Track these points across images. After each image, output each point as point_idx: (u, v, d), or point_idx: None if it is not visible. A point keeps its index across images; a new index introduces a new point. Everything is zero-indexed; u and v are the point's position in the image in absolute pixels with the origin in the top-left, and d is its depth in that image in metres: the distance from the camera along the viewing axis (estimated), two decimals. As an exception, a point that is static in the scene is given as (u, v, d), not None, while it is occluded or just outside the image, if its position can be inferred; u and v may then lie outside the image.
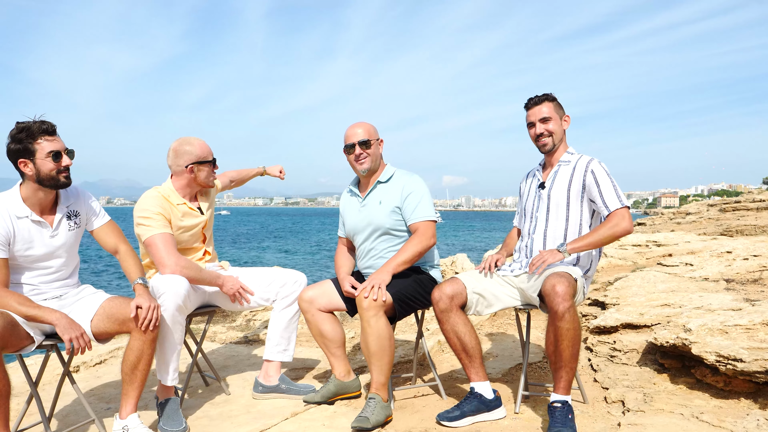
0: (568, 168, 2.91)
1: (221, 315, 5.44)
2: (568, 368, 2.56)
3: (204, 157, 3.15)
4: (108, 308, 2.61)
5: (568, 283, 2.54)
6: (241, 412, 3.00)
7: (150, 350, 2.60)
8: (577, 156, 2.93)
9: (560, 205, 2.90)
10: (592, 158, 2.88)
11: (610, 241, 2.74)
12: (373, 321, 2.75)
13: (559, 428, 2.48)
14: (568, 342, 2.52)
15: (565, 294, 2.51)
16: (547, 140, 2.93)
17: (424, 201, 3.00)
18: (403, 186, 3.03)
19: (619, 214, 2.73)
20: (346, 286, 2.99)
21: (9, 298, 2.42)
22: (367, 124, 3.12)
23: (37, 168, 2.49)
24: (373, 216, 3.05)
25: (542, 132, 2.92)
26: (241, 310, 4.75)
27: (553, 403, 2.57)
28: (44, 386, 3.40)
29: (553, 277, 2.58)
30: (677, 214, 14.14)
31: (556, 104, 2.96)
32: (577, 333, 2.54)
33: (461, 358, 2.86)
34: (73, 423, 2.86)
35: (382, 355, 2.78)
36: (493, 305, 2.89)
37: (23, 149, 2.47)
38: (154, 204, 3.01)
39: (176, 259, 2.90)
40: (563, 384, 2.57)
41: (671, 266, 5.38)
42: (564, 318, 2.50)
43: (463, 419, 2.72)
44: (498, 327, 4.65)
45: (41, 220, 2.58)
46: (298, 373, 3.70)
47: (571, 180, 2.88)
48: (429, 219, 2.97)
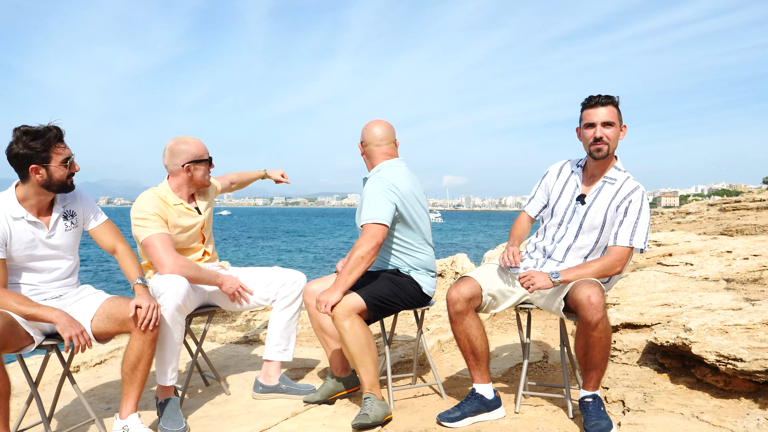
0: (612, 188, 2.75)
1: (221, 315, 5.44)
2: (599, 369, 2.59)
3: (200, 155, 3.15)
4: (108, 308, 2.61)
5: (601, 293, 2.50)
6: (241, 412, 3.00)
7: (150, 350, 2.60)
8: (624, 175, 2.77)
9: (595, 227, 2.76)
10: (638, 186, 2.73)
11: (601, 277, 2.65)
12: (346, 325, 2.73)
13: (595, 421, 2.50)
14: (600, 348, 2.53)
15: (599, 304, 2.47)
16: (603, 146, 2.70)
17: (368, 203, 2.87)
18: (364, 188, 3.00)
19: (617, 253, 2.65)
20: (339, 264, 3.11)
21: (8, 298, 2.42)
22: (369, 124, 3.11)
23: (49, 174, 2.50)
24: (356, 214, 3.05)
25: (602, 136, 2.69)
26: (241, 310, 4.75)
27: (584, 399, 2.60)
28: (44, 386, 3.40)
29: (585, 287, 2.51)
30: (677, 214, 14.14)
31: (619, 111, 2.76)
32: (608, 339, 2.55)
33: (468, 360, 2.83)
34: (73, 423, 2.87)
35: (364, 356, 2.77)
36: (500, 305, 2.86)
37: (37, 156, 2.46)
38: (150, 205, 3.01)
39: (174, 259, 2.90)
40: (594, 383, 2.61)
41: (671, 266, 5.38)
42: (598, 328, 2.48)
43: (464, 420, 2.72)
44: (498, 326, 4.65)
45: (37, 221, 2.57)
46: (298, 373, 3.70)
47: (611, 202, 2.73)
48: (369, 221, 2.81)
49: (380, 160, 3.06)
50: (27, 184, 2.53)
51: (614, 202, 2.72)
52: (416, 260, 3.02)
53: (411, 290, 2.95)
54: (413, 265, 3.02)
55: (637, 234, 2.65)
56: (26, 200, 2.55)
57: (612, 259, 2.65)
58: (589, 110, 2.73)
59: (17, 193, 2.55)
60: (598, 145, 2.71)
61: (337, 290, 2.75)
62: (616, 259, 2.65)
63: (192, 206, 3.20)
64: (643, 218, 2.67)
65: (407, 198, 2.95)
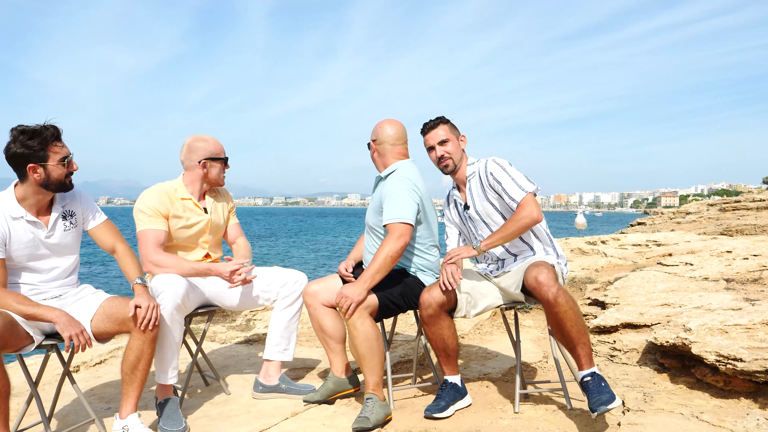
0: (476, 179, 2.98)
1: (221, 315, 5.44)
2: (581, 343, 2.61)
3: (217, 153, 3.19)
4: (108, 308, 2.61)
5: (547, 269, 2.62)
6: (241, 412, 3.00)
7: (150, 350, 2.60)
8: (479, 163, 3.00)
9: (492, 214, 2.95)
10: (488, 159, 2.96)
11: (522, 231, 2.81)
12: (358, 324, 2.77)
13: (597, 397, 2.51)
14: (571, 323, 2.58)
15: (549, 280, 2.58)
16: (447, 162, 2.98)
17: (393, 202, 2.89)
18: (387, 185, 2.99)
19: (523, 204, 2.79)
20: (341, 266, 3.12)
21: (8, 298, 2.42)
22: (383, 123, 3.12)
23: (47, 173, 2.50)
24: (368, 214, 3.11)
25: (442, 154, 2.97)
26: (241, 310, 4.75)
27: (583, 379, 2.60)
28: (44, 386, 3.40)
29: (531, 269, 2.65)
30: (677, 214, 14.14)
31: (451, 125, 3.02)
32: (576, 311, 2.60)
33: (440, 356, 2.97)
34: (73, 423, 2.86)
35: (372, 356, 2.80)
36: (478, 304, 2.90)
37: (34, 155, 2.46)
38: (153, 199, 3.04)
39: (149, 255, 2.94)
40: (584, 359, 2.62)
41: (671, 266, 5.37)
42: (558, 302, 2.56)
43: (448, 408, 2.86)
44: (498, 326, 4.65)
45: (36, 220, 2.57)
46: (298, 372, 3.70)
47: (483, 188, 2.95)
48: (396, 221, 2.84)
49: (393, 159, 3.09)
50: (25, 184, 2.53)
51: (484, 186, 2.94)
52: (425, 261, 3.07)
53: (417, 291, 2.96)
54: (421, 266, 3.06)
55: (520, 183, 2.82)
56: (25, 200, 2.55)
57: (524, 211, 2.78)
58: (425, 136, 3.03)
59: (16, 192, 2.55)
60: (443, 163, 3.00)
61: (364, 288, 2.78)
62: (523, 210, 2.77)
63: (201, 204, 3.21)
64: (512, 172, 2.86)
65: (425, 199, 3.03)
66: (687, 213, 13.63)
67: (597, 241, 7.83)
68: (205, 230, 3.22)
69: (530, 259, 2.86)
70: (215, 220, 3.26)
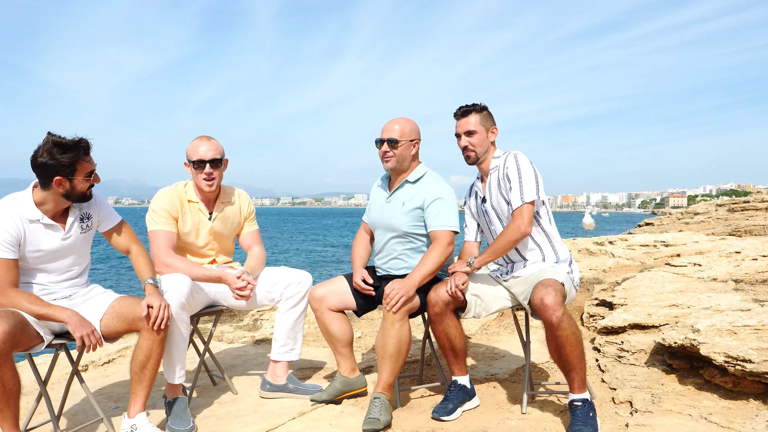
0: (497, 173, 2.92)
1: (228, 315, 5.46)
2: (578, 368, 2.57)
3: (189, 155, 3.08)
4: (118, 307, 2.63)
5: (554, 292, 2.56)
6: (248, 412, 3.01)
7: (159, 349, 2.62)
8: (503, 157, 2.93)
9: (506, 211, 2.89)
10: (509, 153, 2.90)
11: (511, 246, 2.79)
12: (398, 325, 2.76)
13: (579, 427, 2.49)
14: (571, 347, 2.54)
15: (555, 304, 2.52)
16: (470, 153, 2.94)
17: (447, 209, 2.94)
18: (429, 191, 2.97)
19: (515, 214, 2.77)
20: (358, 278, 3.02)
21: (20, 298, 2.44)
22: (405, 122, 3.03)
23: (72, 186, 2.53)
24: (393, 217, 3.01)
25: (466, 145, 2.93)
26: (247, 309, 4.75)
27: (573, 402, 2.58)
28: (53, 385, 3.42)
29: (539, 289, 2.59)
30: (685, 214, 14.07)
31: (484, 115, 2.94)
32: (578, 336, 2.56)
33: (447, 356, 2.95)
34: (82, 422, 2.88)
35: (398, 357, 2.80)
36: (491, 307, 2.91)
37: (63, 168, 2.47)
38: (164, 200, 3.06)
39: (161, 256, 2.96)
40: (577, 384, 2.59)
41: (679, 266, 5.35)
42: (560, 326, 2.52)
43: (456, 411, 2.84)
44: (505, 327, 4.64)
45: (53, 223, 2.59)
46: (305, 372, 3.70)
47: (500, 184, 2.89)
48: (449, 229, 2.91)
49: (416, 162, 3.10)
50: (47, 191, 2.53)
51: (501, 180, 2.89)
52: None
53: None
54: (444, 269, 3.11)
55: (525, 190, 2.76)
56: (43, 204, 2.56)
57: (513, 225, 2.76)
58: (456, 122, 2.98)
59: (35, 196, 2.55)
60: (466, 153, 2.96)
61: (413, 286, 2.79)
62: (517, 223, 2.76)
63: (206, 210, 3.18)
64: (524, 174, 2.79)
65: None
66: (695, 213, 13.56)
67: (605, 241, 7.80)
68: (208, 236, 3.19)
69: (540, 270, 2.79)
70: (218, 228, 3.20)
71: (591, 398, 2.62)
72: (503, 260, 3.00)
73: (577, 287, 2.89)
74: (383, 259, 3.11)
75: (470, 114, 2.92)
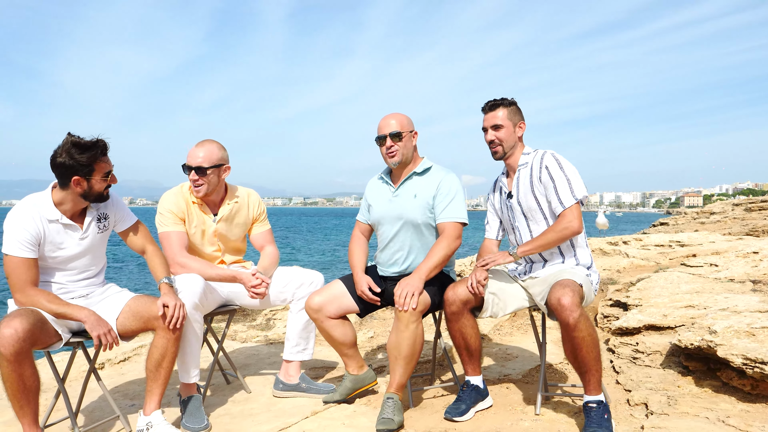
0: (527, 170, 2.88)
1: (242, 314, 5.49)
2: (593, 370, 2.55)
3: (186, 162, 3.08)
4: (133, 306, 2.66)
5: (572, 293, 2.52)
6: (261, 410, 3.02)
7: (174, 348, 2.64)
8: (534, 154, 2.89)
9: (534, 210, 2.86)
10: (546, 151, 2.85)
11: (561, 242, 2.76)
12: (413, 326, 2.75)
13: (594, 429, 2.46)
14: (587, 349, 2.51)
15: (572, 305, 2.49)
16: (497, 148, 2.90)
17: (455, 201, 2.95)
18: (440, 182, 2.98)
19: (569, 214, 2.73)
20: (363, 287, 2.99)
21: (39, 297, 2.47)
22: (401, 115, 3.03)
23: (90, 186, 2.56)
24: (406, 209, 3.00)
25: (493, 139, 2.89)
26: (261, 309, 4.78)
27: (588, 404, 2.56)
28: (71, 382, 3.47)
29: (556, 290, 2.56)
30: (701, 214, 13.93)
31: (513, 110, 2.90)
32: (594, 338, 2.53)
33: (462, 355, 2.94)
34: (99, 419, 2.92)
35: (412, 358, 2.80)
36: (509, 306, 2.89)
37: (81, 168, 2.50)
38: (170, 202, 3.09)
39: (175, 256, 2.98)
40: (593, 386, 2.56)
41: (695, 267, 5.29)
42: (577, 328, 2.48)
43: (469, 411, 2.84)
44: (518, 327, 4.63)
45: (71, 223, 2.62)
46: (318, 372, 3.72)
47: (532, 181, 2.85)
48: (457, 220, 2.93)
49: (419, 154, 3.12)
50: (65, 191, 2.57)
51: (533, 178, 2.84)
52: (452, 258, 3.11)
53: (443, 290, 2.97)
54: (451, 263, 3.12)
55: (575, 188, 2.75)
56: (62, 204, 2.59)
57: (563, 222, 2.73)
58: (484, 116, 2.93)
59: (54, 196, 2.59)
60: (493, 148, 2.92)
61: (422, 281, 2.79)
62: (567, 219, 2.73)
63: (210, 211, 3.18)
64: (569, 172, 2.77)
65: None
66: (711, 213, 13.42)
67: (619, 241, 7.75)
68: (213, 237, 3.19)
69: (559, 271, 2.76)
70: (223, 229, 3.20)
71: (606, 400, 2.60)
72: (523, 259, 2.97)
73: (596, 292, 2.85)
74: (388, 251, 3.06)
75: (498, 108, 2.88)
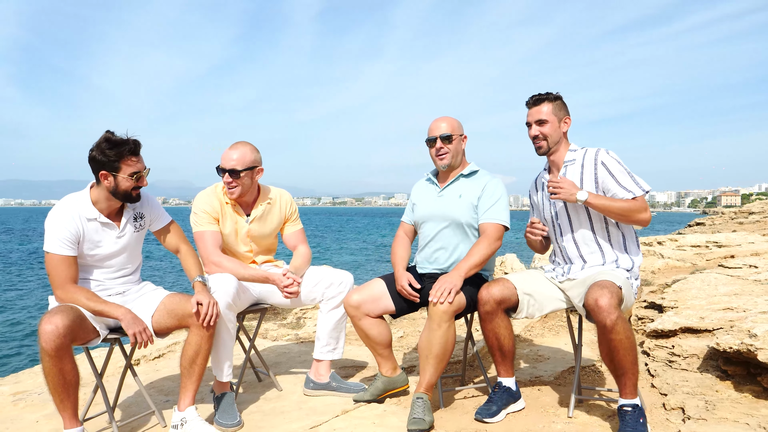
0: (575, 167, 2.82)
1: (272, 312, 5.54)
2: (630, 373, 2.50)
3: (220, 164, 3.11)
4: (168, 304, 2.71)
5: (610, 294, 2.47)
6: (293, 408, 3.05)
7: (207, 345, 2.68)
8: (582, 151, 2.84)
9: (578, 207, 2.81)
10: (599, 149, 2.79)
11: (626, 220, 2.68)
12: (445, 326, 2.74)
13: None
14: (624, 351, 2.46)
15: (609, 306, 2.43)
16: (542, 143, 2.85)
17: (499, 204, 2.98)
18: (486, 184, 3.03)
19: (641, 202, 2.67)
20: (404, 282, 2.99)
21: (78, 294, 2.54)
22: (452, 119, 3.07)
23: (116, 183, 2.61)
24: (451, 208, 3.03)
25: (537, 134, 2.84)
26: (291, 308, 4.81)
27: (623, 407, 2.52)
28: (108, 378, 3.55)
29: (594, 290, 2.51)
30: (739, 214, 13.57)
31: (558, 104, 2.85)
32: (632, 341, 2.48)
33: (495, 356, 2.92)
34: (135, 414, 2.98)
35: (443, 358, 2.78)
36: (545, 307, 2.85)
37: (108, 164, 2.57)
38: (203, 202, 3.13)
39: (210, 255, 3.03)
40: (628, 389, 2.52)
41: (734, 268, 5.16)
42: (614, 330, 2.43)
43: (500, 413, 2.82)
44: (550, 328, 4.57)
45: (109, 222, 2.69)
46: (348, 371, 3.73)
47: (582, 179, 2.78)
48: (500, 222, 2.95)
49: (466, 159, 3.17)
50: (99, 188, 2.65)
51: (585, 176, 2.77)
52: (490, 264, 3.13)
53: None
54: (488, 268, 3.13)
55: (638, 180, 2.69)
56: (98, 203, 2.67)
57: (637, 204, 2.65)
58: (528, 110, 2.89)
59: (91, 195, 2.67)
60: (537, 143, 2.87)
61: (461, 278, 2.80)
62: (640, 205, 2.65)
63: (243, 211, 3.21)
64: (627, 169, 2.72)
65: None
66: (750, 213, 13.05)
67: (653, 241, 7.60)
68: (246, 237, 3.23)
69: (598, 272, 2.70)
70: (256, 229, 3.23)
71: (641, 404, 2.55)
72: (561, 259, 2.93)
73: (636, 296, 2.78)
74: (429, 250, 3.09)
75: (543, 102, 2.83)
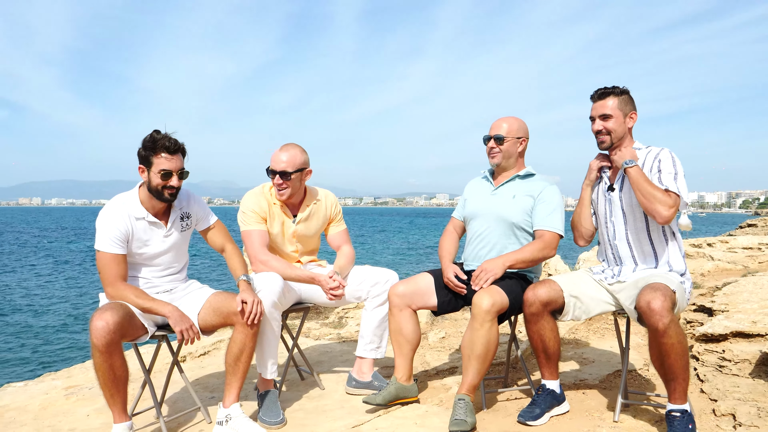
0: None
1: (314, 312, 5.61)
2: (680, 378, 2.44)
3: (269, 165, 3.14)
4: (214, 302, 2.77)
5: (663, 297, 2.40)
6: (335, 407, 3.08)
7: (252, 343, 2.74)
8: (646, 150, 2.77)
9: (635, 206, 2.74)
10: (663, 148, 2.72)
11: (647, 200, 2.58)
12: (488, 325, 2.72)
13: None
14: (676, 356, 2.40)
15: (662, 309, 2.37)
16: (605, 138, 2.78)
17: (556, 212, 2.97)
18: (542, 190, 3.01)
19: (671, 198, 2.57)
20: (449, 273, 2.99)
21: (127, 291, 2.63)
22: (513, 120, 3.07)
23: (149, 178, 2.69)
24: (504, 207, 3.03)
25: (600, 129, 2.78)
26: (334, 307, 4.85)
27: (672, 412, 2.46)
28: (155, 374, 3.65)
29: (647, 293, 2.45)
30: (795, 215, 13.01)
31: (624, 99, 2.77)
32: (684, 345, 2.41)
33: (539, 357, 2.88)
34: (181, 409, 3.06)
35: (486, 358, 2.76)
36: (592, 310, 2.80)
37: (144, 158, 2.67)
38: (251, 201, 3.18)
39: (257, 254, 3.07)
40: (678, 394, 2.46)
41: (789, 271, 4.96)
42: (667, 334, 2.37)
43: (543, 416, 2.77)
44: (595, 331, 4.49)
45: (156, 221, 2.77)
46: (390, 371, 3.74)
47: None
48: (557, 231, 2.93)
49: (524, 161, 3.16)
50: (145, 187, 2.73)
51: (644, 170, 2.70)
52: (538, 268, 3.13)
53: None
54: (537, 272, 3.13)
55: (678, 180, 2.62)
56: (146, 201, 2.75)
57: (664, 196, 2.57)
58: (592, 104, 2.84)
59: (140, 194, 2.76)
60: (600, 138, 2.81)
61: (504, 266, 2.82)
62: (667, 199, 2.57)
63: (290, 212, 3.26)
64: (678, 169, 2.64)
65: None
66: (806, 214, 12.50)
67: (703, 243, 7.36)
68: (293, 238, 3.27)
69: (650, 275, 2.64)
70: (302, 230, 3.27)
71: (690, 410, 2.48)
72: (613, 260, 2.86)
73: (688, 300, 2.71)
74: (476, 247, 3.09)
75: (608, 97, 2.77)
